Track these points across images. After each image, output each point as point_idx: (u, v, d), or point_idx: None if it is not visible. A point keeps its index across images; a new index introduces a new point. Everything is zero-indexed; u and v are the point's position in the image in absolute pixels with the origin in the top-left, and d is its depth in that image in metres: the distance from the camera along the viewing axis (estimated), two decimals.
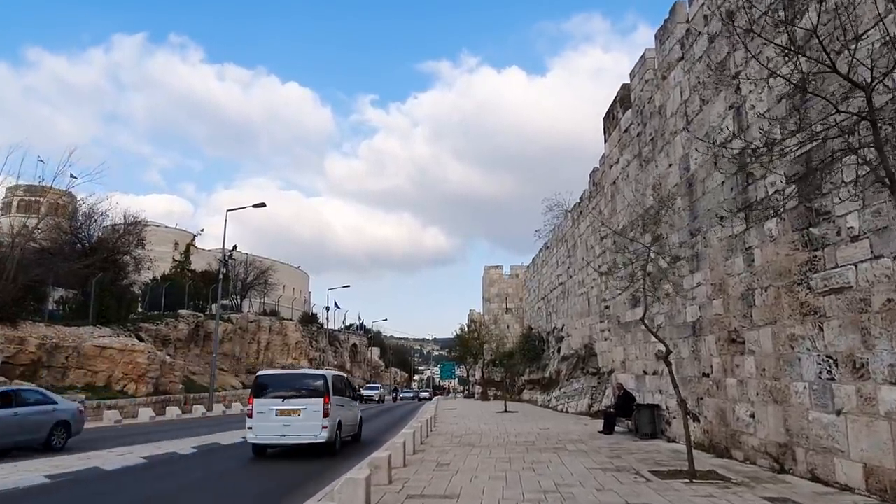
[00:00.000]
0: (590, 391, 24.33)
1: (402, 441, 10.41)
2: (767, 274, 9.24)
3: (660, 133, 14.07)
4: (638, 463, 10.00)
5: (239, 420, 23.50)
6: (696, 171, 11.96)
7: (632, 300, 16.23)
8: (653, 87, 14.55)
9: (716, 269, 11.06)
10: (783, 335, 8.76)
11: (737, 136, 10.23)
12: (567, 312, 31.78)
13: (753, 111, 9.71)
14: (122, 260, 29.47)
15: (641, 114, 15.41)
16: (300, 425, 12.10)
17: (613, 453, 11.32)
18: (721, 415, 10.79)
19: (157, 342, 33.24)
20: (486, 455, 11.52)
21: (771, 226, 9.14)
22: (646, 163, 15.09)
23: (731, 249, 10.43)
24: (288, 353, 51.60)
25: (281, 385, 13.05)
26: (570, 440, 13.84)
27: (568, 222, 31.57)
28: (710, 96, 11.31)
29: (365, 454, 11.58)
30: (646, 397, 14.93)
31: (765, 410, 9.27)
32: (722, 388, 10.76)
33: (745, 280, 9.94)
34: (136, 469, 10.72)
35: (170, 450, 13.06)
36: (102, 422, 20.21)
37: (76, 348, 23.25)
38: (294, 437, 12.10)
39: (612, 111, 18.23)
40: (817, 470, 7.91)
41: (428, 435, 15.25)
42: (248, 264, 53.22)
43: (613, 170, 18.20)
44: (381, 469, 8.23)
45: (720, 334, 10.84)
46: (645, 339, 15.13)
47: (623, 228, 17.03)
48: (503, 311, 57.23)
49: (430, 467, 9.89)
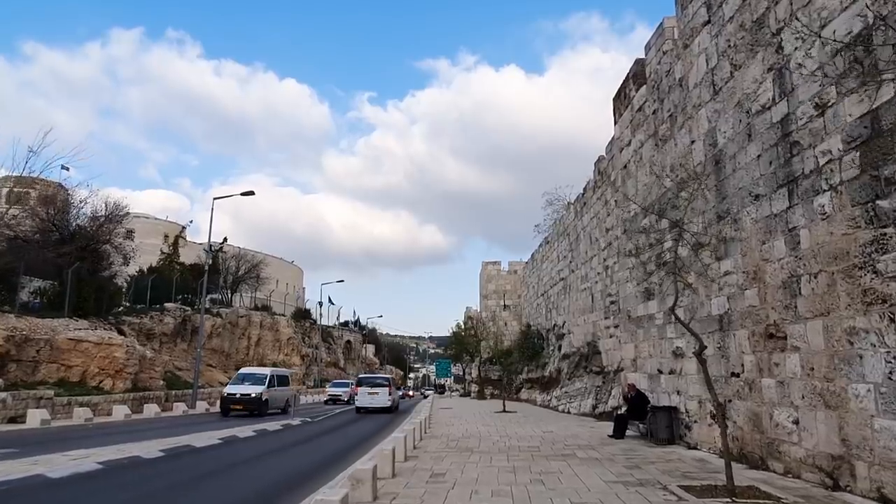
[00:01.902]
0: (593, 391, 23.04)
1: (391, 447, 9.08)
2: (818, 257, 7.94)
3: (680, 108, 12.76)
4: (662, 475, 8.69)
5: (222, 419, 22.22)
6: (725, 146, 10.65)
7: (644, 293, 14.94)
8: (672, 57, 13.24)
9: (749, 255, 9.75)
10: (839, 329, 7.46)
11: (778, 101, 8.94)
12: (568, 309, 30.50)
13: (800, 71, 8.41)
14: (102, 249, 27.94)
15: (658, 89, 14.09)
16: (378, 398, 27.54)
17: (631, 462, 10.00)
18: (755, 420, 9.49)
19: (140, 336, 31.84)
20: (487, 463, 10.21)
21: (823, 201, 7.83)
22: (662, 142, 13.78)
23: (770, 231, 9.13)
24: (279, 349, 50.24)
25: (368, 382, 29.49)
26: (578, 445, 12.53)
27: (570, 215, 30.28)
28: (744, 60, 9.99)
29: None
30: (660, 399, 13.63)
31: (813, 416, 7.97)
32: (756, 389, 9.46)
33: (787, 266, 8.63)
34: (86, 477, 9.34)
35: (133, 453, 11.68)
36: (72, 420, 18.84)
37: (49, 341, 21.83)
38: (376, 405, 27.34)
39: (623, 90, 16.91)
40: (886, 489, 6.61)
41: (422, 438, 13.93)
42: (240, 258, 51.75)
43: (624, 153, 16.88)
44: (364, 484, 6.90)
45: (754, 329, 9.54)
46: (660, 334, 13.84)
47: (635, 216, 15.74)
48: (501, 308, 55.89)
49: (424, 478, 8.57)
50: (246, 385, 24.66)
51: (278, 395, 26.01)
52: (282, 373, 28.77)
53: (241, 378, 25.65)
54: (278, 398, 25.96)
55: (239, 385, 24.80)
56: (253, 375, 25.81)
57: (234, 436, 15.55)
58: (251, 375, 25.84)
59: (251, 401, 23.79)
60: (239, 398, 23.86)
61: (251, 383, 24.78)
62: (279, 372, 28.25)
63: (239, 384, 24.91)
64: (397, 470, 9.05)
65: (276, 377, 26.26)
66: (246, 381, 25.03)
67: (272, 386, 25.30)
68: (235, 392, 24.15)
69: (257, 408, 23.64)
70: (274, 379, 25.88)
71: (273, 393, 25.25)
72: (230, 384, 25.83)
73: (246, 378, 25.46)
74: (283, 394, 26.62)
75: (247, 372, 26.87)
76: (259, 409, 23.64)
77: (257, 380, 25.11)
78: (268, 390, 24.60)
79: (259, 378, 25.33)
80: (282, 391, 26.57)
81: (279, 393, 26.14)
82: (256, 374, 26.01)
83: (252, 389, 24.22)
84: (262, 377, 25.42)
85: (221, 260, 48.82)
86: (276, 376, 26.49)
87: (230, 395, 24.11)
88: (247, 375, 25.91)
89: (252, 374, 26.29)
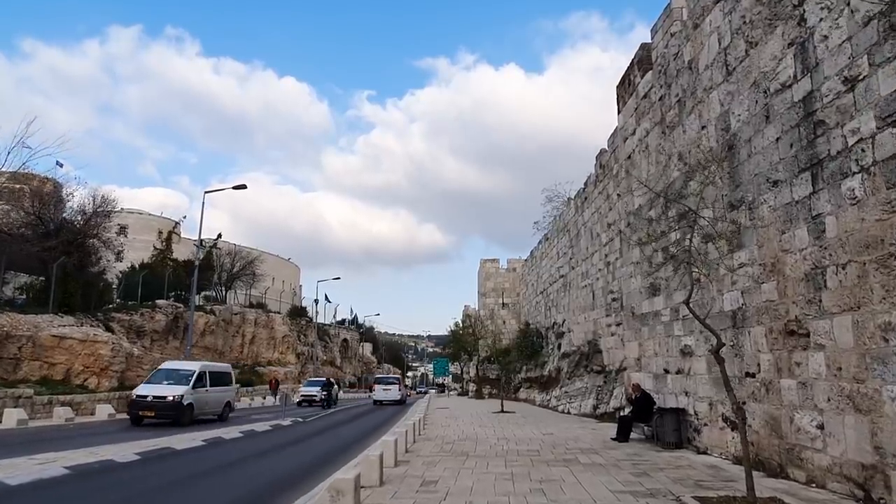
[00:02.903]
0: (594, 391, 22.34)
1: (378, 453, 8.36)
2: (846, 246, 7.23)
3: (689, 92, 12.05)
4: (674, 484, 7.99)
5: (209, 419, 21.37)
6: (740, 130, 9.94)
7: (650, 288, 14.24)
8: (681, 39, 12.53)
9: (767, 246, 9.04)
10: (871, 324, 6.75)
11: (800, 78, 8.23)
12: (568, 307, 29.79)
13: (825, 43, 7.70)
14: (89, 244, 27.17)
15: (665, 73, 13.38)
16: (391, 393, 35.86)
17: (638, 469, 9.29)
18: (772, 424, 8.78)
19: (130, 333, 31.10)
20: (484, 468, 9.50)
21: (853, 185, 7.12)
22: (670, 129, 13.07)
23: (790, 220, 8.42)
24: (274, 348, 49.55)
25: (383, 381, 38.78)
26: (580, 449, 11.83)
27: (570, 210, 29.58)
28: (761, 36, 9.28)
29: None
30: (667, 400, 12.93)
31: (840, 421, 7.27)
32: (774, 391, 8.75)
33: (811, 256, 7.92)
34: (49, 484, 8.62)
35: (107, 456, 10.96)
36: (52, 419, 18.11)
37: (31, 338, 21.13)
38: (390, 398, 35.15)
39: (627, 77, 16.19)
40: None
41: (415, 440, 13.22)
42: (234, 254, 50.98)
43: (628, 143, 16.17)
44: (345, 495, 6.19)
45: (772, 325, 8.83)
46: (666, 332, 13.14)
47: (640, 208, 15.04)
48: (499, 307, 55.16)
49: (414, 487, 7.86)
50: (164, 385, 19.01)
51: (212, 397, 20.50)
52: (217, 368, 22.70)
53: (162, 375, 19.83)
54: (211, 402, 20.54)
55: (155, 385, 19.04)
56: (176, 372, 19.90)
57: (220, 437, 14.85)
58: (174, 372, 19.91)
59: (167, 406, 18.23)
60: (151, 402, 18.22)
61: (172, 382, 19.19)
62: (214, 367, 22.39)
63: (156, 383, 19.18)
64: (386, 476, 8.35)
65: (207, 374, 20.52)
66: (165, 380, 19.39)
67: (201, 386, 19.85)
68: (147, 394, 18.43)
69: (176, 415, 18.23)
70: (205, 376, 20.25)
71: (203, 395, 19.87)
72: (144, 383, 19.90)
73: (168, 375, 19.68)
74: (219, 396, 21.08)
75: (169, 367, 20.76)
76: (178, 416, 18.24)
77: (180, 377, 19.44)
78: (194, 391, 19.23)
79: (183, 375, 19.57)
80: (218, 393, 20.97)
81: (213, 395, 20.57)
82: (181, 371, 20.04)
83: (170, 391, 18.61)
84: (187, 374, 19.63)
85: (216, 256, 48.05)
86: (209, 373, 20.80)
87: (140, 397, 18.46)
88: (169, 372, 20.03)
89: (175, 369, 20.27)
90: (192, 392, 19.16)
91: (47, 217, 25.97)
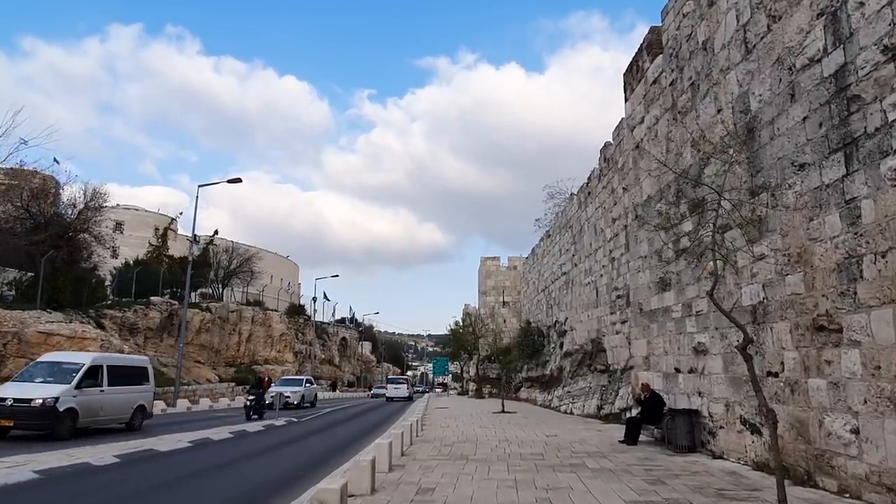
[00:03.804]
0: (598, 391, 21.66)
1: (370, 458, 7.68)
2: (886, 233, 6.55)
3: (703, 74, 11.36)
4: (693, 493, 7.30)
5: (202, 418, 20.75)
6: (761, 111, 9.25)
7: (659, 283, 13.57)
8: (694, 19, 11.84)
9: (792, 235, 8.35)
10: None
11: (831, 50, 7.54)
12: (571, 304, 29.12)
13: (861, 11, 7.02)
14: (79, 238, 26.48)
15: (677, 56, 12.69)
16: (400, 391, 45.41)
17: (652, 476, 8.61)
18: (798, 428, 8.10)
19: (122, 331, 30.48)
20: (484, 474, 8.83)
21: (894, 164, 6.44)
22: (682, 115, 12.38)
23: (820, 205, 7.73)
24: (272, 346, 48.91)
25: (394, 381, 51.60)
26: (587, 453, 11.14)
27: (573, 206, 28.91)
28: (786, 8, 8.59)
29: None
30: (678, 401, 12.25)
31: (879, 425, 6.58)
32: (800, 391, 8.07)
33: (843, 245, 7.24)
34: (14, 490, 7.96)
35: (84, 459, 10.30)
36: None
37: (17, 334, 20.48)
38: (399, 395, 44.31)
39: (635, 62, 15.50)
40: None
41: (412, 442, 12.54)
42: (231, 251, 50.30)
43: (636, 132, 15.48)
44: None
45: (798, 320, 8.15)
46: (677, 329, 12.45)
47: (648, 199, 14.37)
48: (500, 305, 54.47)
49: (408, 496, 7.18)
50: (35, 384, 14.07)
51: (112, 400, 15.35)
52: (123, 361, 17.35)
53: (39, 370, 14.79)
54: (110, 406, 15.36)
55: (22, 383, 14.15)
56: (58, 366, 14.79)
57: (208, 438, 14.18)
58: (55, 366, 14.81)
59: (33, 413, 13.21)
60: (10, 407, 13.18)
61: (50, 380, 14.24)
62: (117, 360, 17.14)
63: (25, 381, 14.31)
64: (379, 483, 7.68)
65: (104, 369, 15.22)
66: (42, 376, 14.43)
67: (93, 384, 14.72)
68: (6, 397, 13.41)
69: (47, 425, 13.31)
70: (100, 372, 15.05)
71: (96, 397, 14.75)
72: (12, 380, 15.30)
73: (47, 371, 14.66)
74: (124, 398, 15.89)
75: (50, 359, 15.46)
76: (51, 426, 13.31)
77: (63, 374, 14.42)
78: (79, 392, 14.17)
79: (68, 371, 14.50)
80: (121, 394, 15.77)
81: (114, 397, 15.42)
82: (64, 364, 14.84)
83: (40, 391, 13.61)
84: (73, 369, 14.52)
85: (212, 253, 47.40)
86: (109, 368, 15.43)
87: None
88: (50, 366, 14.89)
89: (58, 362, 15.06)
90: (77, 393, 14.10)
91: (36, 211, 25.27)
